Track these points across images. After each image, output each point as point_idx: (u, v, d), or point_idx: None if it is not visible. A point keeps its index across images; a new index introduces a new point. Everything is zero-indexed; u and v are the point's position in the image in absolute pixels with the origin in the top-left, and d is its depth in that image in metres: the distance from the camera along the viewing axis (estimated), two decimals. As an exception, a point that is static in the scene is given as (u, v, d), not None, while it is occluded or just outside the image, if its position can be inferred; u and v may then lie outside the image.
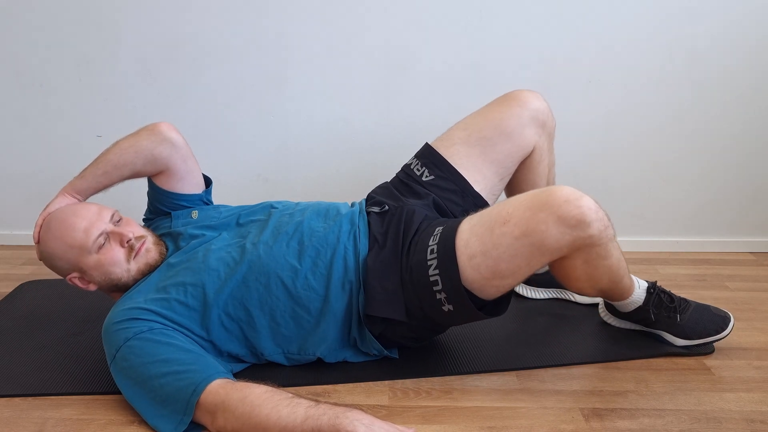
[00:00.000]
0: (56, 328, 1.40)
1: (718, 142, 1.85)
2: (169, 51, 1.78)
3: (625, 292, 1.25)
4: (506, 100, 1.35)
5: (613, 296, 1.28)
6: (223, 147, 1.87)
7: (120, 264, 1.20)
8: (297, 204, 1.33)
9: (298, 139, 1.87)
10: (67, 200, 1.26)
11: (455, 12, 1.74)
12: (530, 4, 1.73)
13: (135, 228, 1.24)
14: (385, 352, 1.23)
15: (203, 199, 1.37)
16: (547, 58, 1.78)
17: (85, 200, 1.29)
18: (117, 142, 1.28)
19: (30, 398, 1.15)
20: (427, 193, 1.31)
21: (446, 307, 1.12)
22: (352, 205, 1.33)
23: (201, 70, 1.80)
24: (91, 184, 1.27)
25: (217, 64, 1.79)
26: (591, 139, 1.83)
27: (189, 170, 1.33)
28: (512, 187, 1.42)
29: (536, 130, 1.34)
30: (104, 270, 1.20)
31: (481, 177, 1.33)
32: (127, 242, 1.19)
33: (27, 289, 1.61)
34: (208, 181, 1.40)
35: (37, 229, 1.23)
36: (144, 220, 1.39)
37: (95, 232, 1.17)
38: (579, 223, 1.02)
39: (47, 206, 1.24)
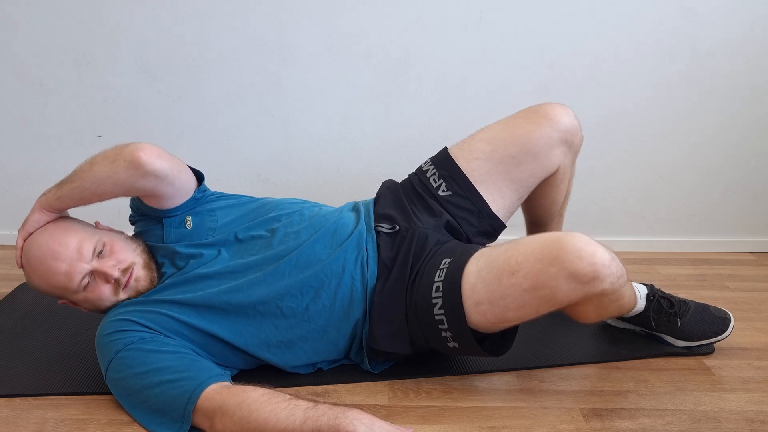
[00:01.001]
0: (56, 328, 1.40)
1: (718, 142, 1.85)
2: (169, 51, 1.78)
3: (629, 311, 1.25)
4: (536, 116, 1.25)
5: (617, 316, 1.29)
6: (223, 147, 1.87)
7: (108, 298, 1.16)
8: (301, 213, 1.25)
9: (298, 139, 1.87)
10: (45, 217, 1.17)
11: (455, 12, 1.74)
12: (530, 5, 1.73)
13: (121, 255, 1.15)
14: (379, 370, 1.22)
15: (195, 198, 1.24)
16: (547, 58, 1.78)
17: (63, 212, 1.21)
18: (92, 166, 1.12)
19: (30, 398, 1.15)
20: (441, 212, 1.25)
21: (451, 344, 1.11)
22: (357, 210, 1.27)
23: (201, 70, 1.80)
24: (68, 206, 1.18)
25: (218, 63, 1.79)
26: (591, 139, 1.82)
27: (178, 188, 1.18)
28: (530, 202, 1.37)
29: (564, 150, 1.26)
30: (93, 303, 1.17)
31: (499, 196, 1.27)
32: (114, 280, 1.14)
33: (27, 289, 1.61)
34: (199, 175, 1.25)
35: (19, 252, 1.16)
36: (132, 212, 1.28)
37: (77, 277, 1.11)
38: (591, 280, 0.98)
39: (24, 224, 1.17)
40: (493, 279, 1.04)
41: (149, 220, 1.24)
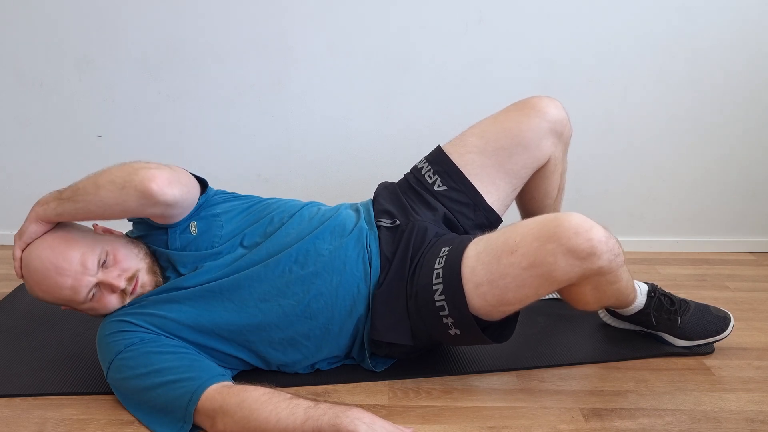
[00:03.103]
0: (56, 328, 1.40)
1: (718, 142, 1.85)
2: (169, 51, 1.78)
3: (629, 303, 1.25)
4: (525, 108, 1.28)
5: (616, 307, 1.29)
6: (223, 147, 1.87)
7: (115, 306, 1.14)
8: (301, 215, 1.23)
9: (298, 139, 1.87)
10: (42, 228, 1.12)
11: (455, 12, 1.74)
12: (530, 4, 1.73)
13: (125, 263, 1.13)
14: (381, 369, 1.22)
15: (199, 203, 1.20)
16: (547, 58, 1.78)
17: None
18: (98, 189, 1.05)
19: (30, 398, 1.15)
20: (438, 206, 1.27)
21: (453, 331, 1.11)
22: (357, 210, 1.28)
23: (201, 69, 1.80)
24: (68, 221, 1.16)
25: (218, 63, 1.79)
26: (591, 139, 1.83)
27: (187, 208, 1.16)
28: (524, 196, 1.39)
29: (553, 141, 1.29)
30: (100, 312, 1.15)
31: (494, 188, 1.29)
32: (120, 291, 1.13)
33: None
34: (203, 183, 1.23)
35: (17, 263, 1.13)
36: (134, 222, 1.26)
37: (84, 290, 1.09)
38: (589, 255, 0.99)
39: (21, 234, 1.13)
40: (492, 260, 1.06)
41: (154, 230, 1.21)
